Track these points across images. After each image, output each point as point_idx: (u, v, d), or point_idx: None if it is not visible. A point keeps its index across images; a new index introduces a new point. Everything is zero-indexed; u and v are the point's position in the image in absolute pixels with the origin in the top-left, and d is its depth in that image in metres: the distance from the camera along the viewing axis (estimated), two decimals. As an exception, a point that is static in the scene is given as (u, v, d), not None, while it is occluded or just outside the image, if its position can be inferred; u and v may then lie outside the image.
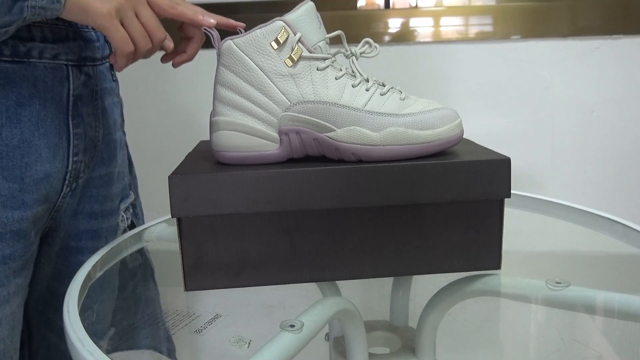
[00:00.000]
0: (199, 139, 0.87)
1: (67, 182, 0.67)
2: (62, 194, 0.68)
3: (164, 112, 1.32)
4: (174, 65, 0.67)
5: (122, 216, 0.77)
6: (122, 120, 0.79)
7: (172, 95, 1.32)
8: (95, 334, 0.49)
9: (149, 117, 1.31)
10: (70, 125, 0.66)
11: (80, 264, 0.69)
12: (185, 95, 1.31)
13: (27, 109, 0.61)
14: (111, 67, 0.75)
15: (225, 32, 0.64)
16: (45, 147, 0.63)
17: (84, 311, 0.54)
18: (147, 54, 0.62)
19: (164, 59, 0.68)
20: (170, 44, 0.66)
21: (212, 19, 0.63)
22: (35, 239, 0.66)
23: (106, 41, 0.73)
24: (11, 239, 0.61)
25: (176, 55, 0.67)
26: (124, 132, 0.79)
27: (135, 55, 0.60)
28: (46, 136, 0.63)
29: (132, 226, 0.79)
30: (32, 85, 0.62)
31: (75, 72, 0.66)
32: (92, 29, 0.70)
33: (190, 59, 0.68)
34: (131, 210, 0.80)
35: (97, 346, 0.46)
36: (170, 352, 0.78)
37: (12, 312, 0.63)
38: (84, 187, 0.71)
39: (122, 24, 0.57)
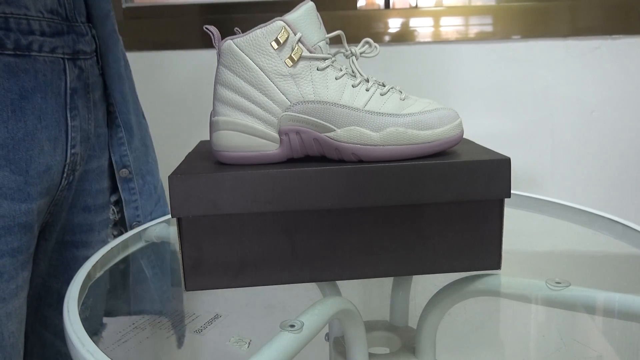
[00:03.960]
0: (199, 139, 0.87)
1: (65, 174, 0.68)
2: (61, 186, 0.69)
3: (164, 112, 1.32)
4: None
5: (113, 209, 0.78)
6: (108, 115, 0.79)
7: (172, 95, 1.32)
8: (87, 330, 0.49)
9: (149, 116, 1.31)
10: (68, 118, 0.67)
11: (74, 259, 0.69)
12: (185, 95, 1.31)
13: (30, 102, 0.62)
14: (97, 62, 0.75)
15: (225, 32, 0.64)
16: (47, 140, 0.64)
17: (80, 310, 0.54)
18: None
19: None
20: None
21: None
22: (37, 232, 0.67)
23: (93, 36, 0.73)
24: (19, 232, 0.62)
25: None
26: (107, 127, 0.78)
27: None
28: (47, 129, 0.64)
29: (122, 220, 0.79)
30: (33, 78, 0.62)
31: (71, 66, 0.68)
32: (82, 22, 0.71)
33: None
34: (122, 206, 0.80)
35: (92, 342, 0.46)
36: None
37: (20, 305, 0.64)
38: (79, 181, 0.73)
39: None
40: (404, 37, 1.28)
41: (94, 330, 0.71)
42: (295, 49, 0.53)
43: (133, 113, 0.80)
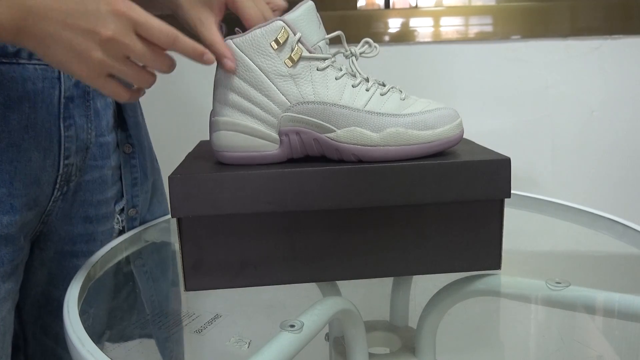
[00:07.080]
0: (199, 139, 0.87)
1: (57, 185, 0.66)
2: (53, 198, 0.67)
3: (164, 112, 1.32)
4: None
5: (117, 219, 0.77)
6: (115, 121, 0.78)
7: (172, 95, 1.32)
8: (90, 337, 0.48)
9: (149, 117, 1.31)
10: (62, 128, 0.65)
11: (75, 268, 0.68)
12: (185, 95, 1.31)
13: (16, 112, 0.60)
14: None
15: (225, 32, 0.64)
16: (35, 151, 0.62)
17: (81, 314, 0.54)
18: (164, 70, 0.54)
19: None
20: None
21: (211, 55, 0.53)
22: (25, 243, 0.65)
23: None
24: None
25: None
26: (116, 133, 0.78)
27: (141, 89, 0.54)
28: (36, 139, 0.62)
29: (124, 229, 0.79)
30: (21, 87, 0.60)
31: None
32: None
33: None
34: (128, 213, 0.79)
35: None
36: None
37: (2, 317, 0.62)
38: (76, 191, 0.70)
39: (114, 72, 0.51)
40: (404, 37, 1.27)
41: (97, 337, 0.71)
42: (295, 49, 0.53)
43: (148, 159, 0.80)
